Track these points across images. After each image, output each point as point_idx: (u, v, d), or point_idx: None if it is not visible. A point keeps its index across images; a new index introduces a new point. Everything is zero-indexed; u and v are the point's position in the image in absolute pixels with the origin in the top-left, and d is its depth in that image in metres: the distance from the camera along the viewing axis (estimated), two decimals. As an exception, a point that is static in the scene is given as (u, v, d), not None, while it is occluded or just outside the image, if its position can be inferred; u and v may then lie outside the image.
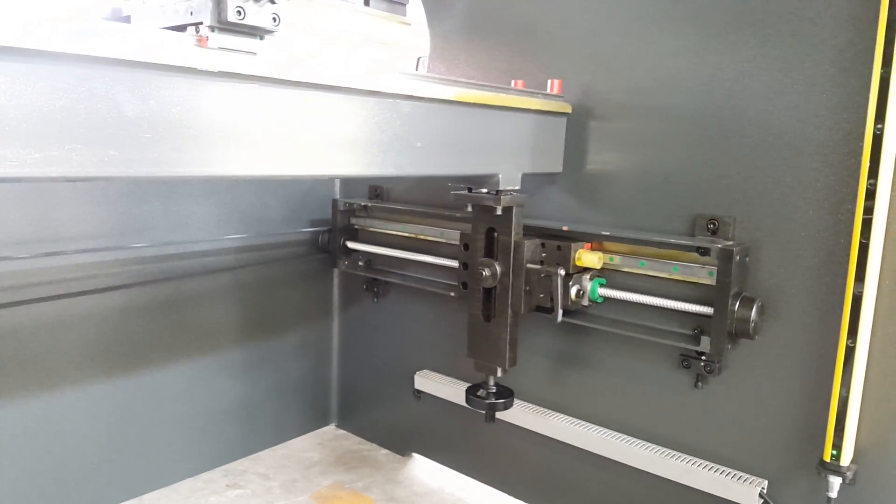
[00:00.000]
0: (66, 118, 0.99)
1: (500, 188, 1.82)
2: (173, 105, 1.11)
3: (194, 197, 2.40)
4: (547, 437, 2.20)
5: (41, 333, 2.09)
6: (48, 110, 0.96)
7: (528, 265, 1.91)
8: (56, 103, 0.97)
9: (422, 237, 2.47)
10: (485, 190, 1.86)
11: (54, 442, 2.16)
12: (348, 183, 2.82)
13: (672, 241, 1.80)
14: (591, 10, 2.03)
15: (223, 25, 1.13)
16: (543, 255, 1.96)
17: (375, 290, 2.73)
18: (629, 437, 2.03)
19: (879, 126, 1.49)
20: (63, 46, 0.95)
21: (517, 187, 1.86)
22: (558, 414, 2.20)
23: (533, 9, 2.16)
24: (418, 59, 2.59)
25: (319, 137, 1.35)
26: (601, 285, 1.95)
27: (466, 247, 2.02)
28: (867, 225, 1.52)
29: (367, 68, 1.40)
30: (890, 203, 1.54)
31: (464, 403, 2.40)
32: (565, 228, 1.97)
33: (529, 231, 1.97)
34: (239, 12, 1.12)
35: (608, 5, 1.99)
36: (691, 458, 1.91)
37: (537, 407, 2.24)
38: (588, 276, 1.95)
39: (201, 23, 1.13)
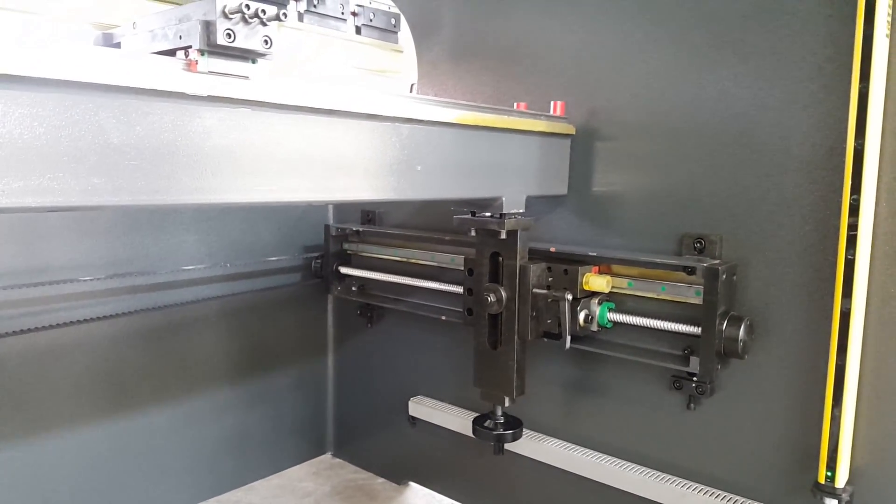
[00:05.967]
0: (47, 146, 0.97)
1: (504, 211, 1.80)
2: (162, 131, 1.09)
3: (185, 225, 2.41)
4: (543, 463, 2.17)
5: (30, 364, 2.08)
6: (28, 138, 0.95)
7: (535, 290, 1.86)
8: (37, 130, 0.95)
9: (413, 261, 2.47)
10: (488, 213, 1.83)
11: (44, 474, 2.13)
12: (341, 208, 2.82)
13: (658, 260, 1.79)
14: (572, 33, 2.05)
15: (213, 49, 1.12)
16: (550, 279, 1.91)
17: (369, 315, 2.72)
18: (623, 462, 2.00)
19: (860, 141, 1.49)
20: (45, 72, 0.94)
21: (522, 210, 1.84)
22: (554, 439, 2.17)
23: (516, 35, 2.18)
24: (411, 85, 2.62)
25: (316, 162, 1.34)
26: (610, 309, 1.91)
27: (471, 272, 1.98)
28: (852, 241, 1.51)
29: (363, 92, 1.39)
30: (874, 218, 1.54)
31: (459, 430, 2.38)
32: (552, 250, 1.96)
33: (535, 255, 1.94)
34: (229, 35, 1.11)
35: (588, 29, 2.01)
36: (686, 481, 1.87)
37: (534, 433, 2.21)
38: (596, 301, 1.91)
39: (190, 46, 1.12)
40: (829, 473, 1.58)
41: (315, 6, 2.54)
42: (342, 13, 2.65)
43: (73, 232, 2.14)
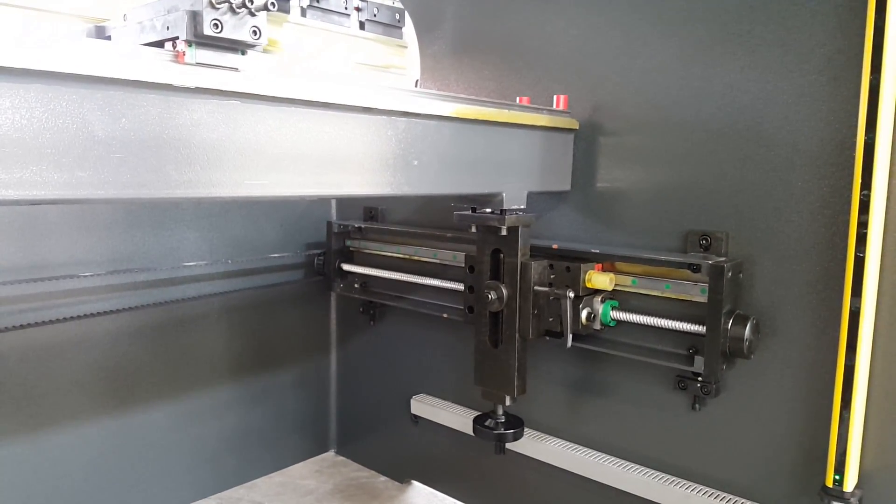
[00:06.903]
0: (29, 138, 0.95)
1: (505, 207, 1.77)
2: (148, 124, 1.08)
3: (186, 221, 2.39)
4: (545, 462, 2.13)
5: (31, 360, 2.07)
6: (9, 130, 0.94)
7: (536, 287, 1.82)
8: (19, 122, 0.94)
9: (416, 258, 2.44)
10: (489, 210, 1.80)
11: (44, 470, 2.13)
12: (344, 205, 2.80)
13: (662, 257, 1.75)
14: (576, 26, 2.01)
15: (200, 40, 1.10)
16: (552, 276, 1.87)
17: (371, 312, 2.69)
18: (626, 462, 1.96)
19: (871, 135, 1.44)
20: (27, 63, 0.92)
21: (523, 206, 1.81)
22: (556, 439, 2.14)
23: (519, 28, 2.15)
24: (416, 81, 2.60)
25: (309, 156, 1.31)
26: (614, 308, 1.87)
27: (472, 269, 1.95)
28: (863, 238, 1.47)
29: (358, 84, 1.36)
30: (885, 214, 1.49)
31: (461, 429, 2.35)
32: (555, 247, 1.92)
33: (537, 252, 1.90)
34: (216, 25, 1.09)
35: (592, 22, 1.97)
36: (690, 483, 1.83)
37: (536, 432, 2.18)
38: (599, 299, 1.87)
39: (178, 38, 1.10)
40: (837, 477, 1.54)
41: (318, 1, 2.52)
42: (345, 8, 2.62)
43: (74, 228, 2.14)
